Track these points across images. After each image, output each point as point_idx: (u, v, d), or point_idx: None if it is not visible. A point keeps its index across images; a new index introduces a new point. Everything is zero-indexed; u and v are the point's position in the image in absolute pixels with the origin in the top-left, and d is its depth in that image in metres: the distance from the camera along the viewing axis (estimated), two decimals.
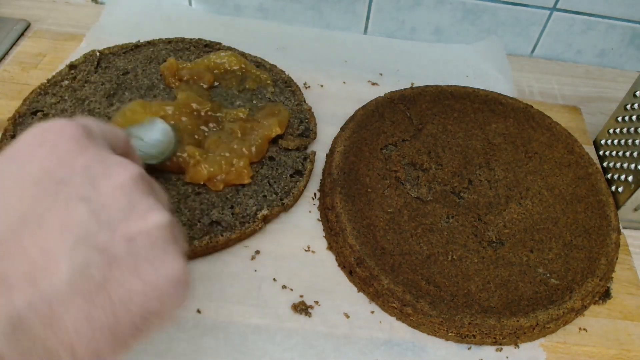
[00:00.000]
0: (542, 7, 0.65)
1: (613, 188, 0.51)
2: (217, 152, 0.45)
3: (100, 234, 0.22)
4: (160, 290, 0.23)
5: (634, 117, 0.51)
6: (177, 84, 0.52)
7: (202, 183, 0.45)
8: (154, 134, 0.43)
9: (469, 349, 0.40)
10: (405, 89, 0.56)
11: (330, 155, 0.50)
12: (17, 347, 0.20)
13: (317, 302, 0.41)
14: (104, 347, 0.22)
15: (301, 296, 0.41)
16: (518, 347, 0.41)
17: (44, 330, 0.20)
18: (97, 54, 0.56)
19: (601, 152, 0.56)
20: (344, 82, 0.60)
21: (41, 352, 0.20)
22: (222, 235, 0.42)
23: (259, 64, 0.58)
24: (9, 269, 0.20)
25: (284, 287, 0.42)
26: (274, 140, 0.50)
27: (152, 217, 0.24)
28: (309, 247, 0.44)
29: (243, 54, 0.59)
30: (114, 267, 0.22)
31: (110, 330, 0.22)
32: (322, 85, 0.59)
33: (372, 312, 0.41)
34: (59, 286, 0.21)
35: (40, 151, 0.23)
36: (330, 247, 0.45)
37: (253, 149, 0.46)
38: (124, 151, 0.29)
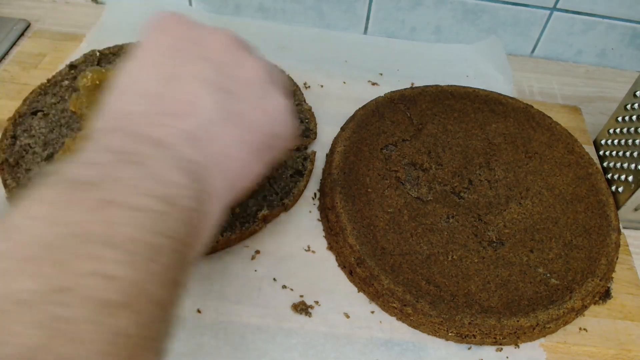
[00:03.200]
0: (542, 7, 0.65)
1: (613, 188, 0.51)
2: None
3: (224, 81, 0.30)
4: (276, 117, 0.31)
5: (634, 117, 0.51)
6: None
7: None
8: None
9: (469, 349, 0.40)
10: (405, 89, 0.56)
11: (330, 155, 0.50)
12: (197, 152, 0.27)
13: (317, 302, 0.41)
14: (249, 157, 0.30)
15: (301, 296, 0.41)
16: (518, 347, 0.41)
17: (209, 142, 0.28)
18: (97, 54, 0.56)
19: (601, 152, 0.56)
20: (344, 82, 0.60)
21: (211, 160, 0.28)
22: (222, 235, 0.42)
23: None
24: (173, 108, 0.28)
25: (284, 287, 0.41)
26: None
27: (254, 65, 0.31)
28: (309, 247, 0.44)
29: None
30: (241, 102, 0.30)
31: (251, 145, 0.30)
32: (322, 85, 0.59)
33: (372, 312, 0.41)
34: (209, 113, 0.28)
35: (163, 35, 0.31)
36: (330, 247, 0.45)
37: None
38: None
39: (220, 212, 0.29)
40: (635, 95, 0.51)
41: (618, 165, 0.52)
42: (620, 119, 0.53)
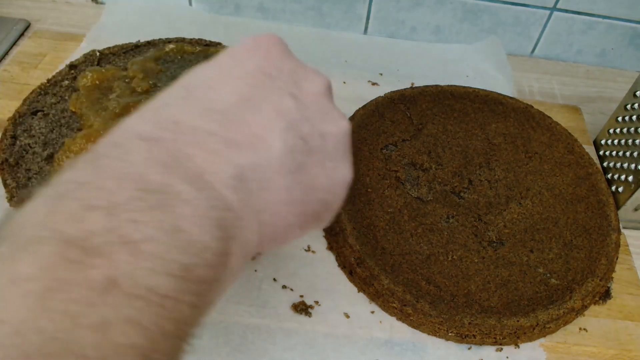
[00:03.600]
0: (542, 7, 0.65)
1: (613, 188, 0.51)
2: None
3: (304, 126, 0.26)
4: (335, 187, 0.28)
5: (634, 117, 0.51)
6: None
7: None
8: None
9: (469, 349, 0.40)
10: (405, 89, 0.56)
11: None
12: (239, 197, 0.22)
13: (317, 302, 0.41)
14: (294, 220, 0.26)
15: (301, 296, 0.41)
16: (518, 347, 0.41)
17: (258, 189, 0.23)
18: (97, 54, 0.56)
19: (601, 152, 0.56)
20: (344, 82, 0.60)
21: (253, 208, 0.23)
22: None
23: None
24: (237, 134, 0.23)
25: (284, 287, 0.41)
26: None
27: (341, 124, 0.28)
28: (309, 247, 0.44)
29: None
30: (310, 157, 0.26)
31: (301, 207, 0.26)
32: None
33: (372, 312, 0.41)
34: (274, 156, 0.24)
35: (255, 53, 0.27)
36: (330, 247, 0.45)
37: None
38: None
39: (242, 267, 0.24)
40: (635, 95, 0.51)
41: (618, 165, 0.52)
42: (620, 119, 0.53)
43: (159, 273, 0.18)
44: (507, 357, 0.40)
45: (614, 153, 0.54)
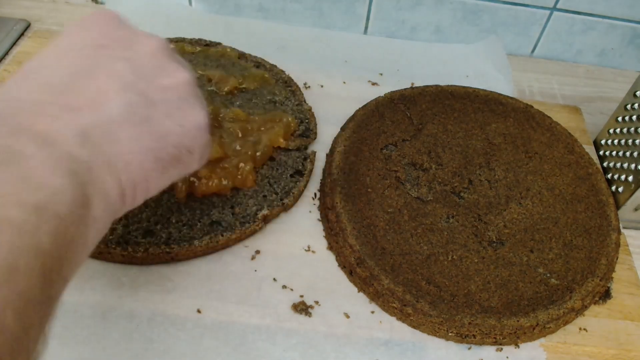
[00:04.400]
0: (542, 7, 0.65)
1: (613, 188, 0.51)
2: (224, 162, 0.45)
3: (139, 83, 0.28)
4: (190, 132, 0.30)
5: (634, 117, 0.51)
6: None
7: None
8: None
9: (469, 349, 0.40)
10: (405, 89, 0.56)
11: (330, 155, 0.50)
12: (87, 152, 0.24)
13: (317, 302, 0.41)
14: (151, 167, 0.28)
15: (301, 296, 0.41)
16: (518, 347, 0.41)
17: (106, 143, 0.25)
18: None
19: (601, 152, 0.56)
20: (344, 82, 0.60)
21: (104, 159, 0.25)
22: (222, 235, 0.42)
23: (259, 64, 0.58)
24: (74, 100, 0.26)
25: (284, 287, 0.41)
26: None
27: (179, 75, 0.30)
28: (309, 247, 0.44)
29: (243, 54, 0.59)
30: (152, 109, 0.28)
31: (155, 154, 0.28)
32: (322, 85, 0.59)
33: (373, 312, 0.41)
34: (114, 113, 0.26)
35: (88, 29, 0.30)
36: (330, 247, 0.45)
37: (258, 154, 0.46)
38: None
39: (109, 218, 0.26)
40: (635, 95, 0.51)
41: (618, 165, 0.52)
42: (620, 119, 0.53)
43: (12, 204, 0.20)
44: (507, 357, 0.40)
45: (614, 153, 0.54)
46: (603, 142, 0.56)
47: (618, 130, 0.54)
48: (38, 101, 0.25)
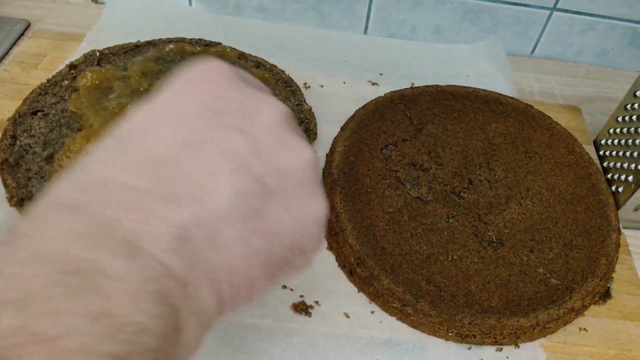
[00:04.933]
0: (542, 7, 0.65)
1: (613, 188, 0.51)
2: None
3: (256, 165, 0.22)
4: (306, 227, 0.24)
5: (634, 117, 0.51)
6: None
7: None
8: None
9: (469, 349, 0.40)
10: (405, 89, 0.56)
11: (330, 155, 0.50)
12: (184, 261, 0.20)
13: (317, 302, 0.41)
14: (258, 274, 0.23)
15: (301, 296, 0.41)
16: (518, 347, 0.41)
17: (207, 247, 0.21)
18: (97, 54, 0.56)
19: (601, 152, 0.56)
20: (344, 82, 0.60)
21: (204, 268, 0.21)
22: None
23: (259, 64, 0.58)
24: (175, 187, 0.21)
25: (284, 287, 0.41)
26: None
27: (302, 155, 0.24)
28: None
29: (243, 54, 0.59)
30: (268, 198, 0.23)
31: (264, 257, 0.22)
32: (322, 85, 0.59)
33: (373, 312, 0.41)
34: (222, 206, 0.21)
35: (199, 87, 0.24)
36: (330, 247, 0.45)
37: None
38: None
39: (202, 335, 0.22)
40: (635, 95, 0.51)
41: (618, 165, 0.52)
42: (620, 119, 0.53)
43: (88, 356, 0.16)
44: (507, 357, 0.40)
45: (614, 153, 0.54)
46: (603, 142, 0.56)
47: (618, 130, 0.54)
48: (131, 188, 0.20)
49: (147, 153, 0.21)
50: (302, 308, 0.40)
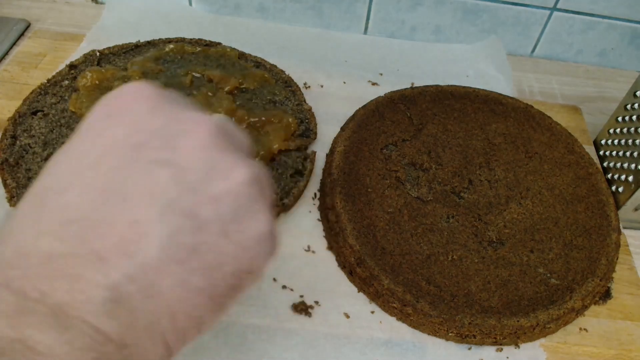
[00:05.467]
0: (542, 7, 0.65)
1: (613, 188, 0.51)
2: None
3: (185, 198, 0.21)
4: (250, 250, 0.22)
5: (634, 117, 0.51)
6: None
7: None
8: None
9: (469, 349, 0.40)
10: (405, 89, 0.56)
11: (330, 155, 0.50)
12: (120, 322, 0.19)
13: (317, 302, 0.41)
14: (203, 311, 0.21)
15: (301, 296, 0.41)
16: (518, 347, 0.41)
17: (143, 300, 0.19)
18: (97, 54, 0.56)
19: (601, 152, 0.56)
20: (344, 82, 0.60)
21: (143, 324, 0.20)
22: None
23: (259, 64, 0.58)
24: (100, 244, 0.19)
25: (284, 287, 0.41)
26: None
27: (235, 174, 0.22)
28: (309, 247, 0.44)
29: (243, 54, 0.59)
30: (203, 231, 0.21)
31: (207, 293, 0.21)
32: (322, 85, 0.59)
33: (373, 312, 0.41)
34: (153, 255, 0.20)
35: (112, 120, 0.22)
36: (330, 247, 0.45)
37: (257, 159, 0.47)
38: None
39: None
40: (635, 95, 0.51)
41: (618, 165, 0.52)
42: (620, 118, 0.53)
43: None
44: (507, 357, 0.40)
45: (614, 153, 0.54)
46: (603, 142, 0.56)
47: (618, 130, 0.54)
48: (54, 254, 0.19)
49: (66, 212, 0.20)
50: (302, 308, 0.40)
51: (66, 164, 0.22)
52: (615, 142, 0.54)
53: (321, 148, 0.52)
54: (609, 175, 0.53)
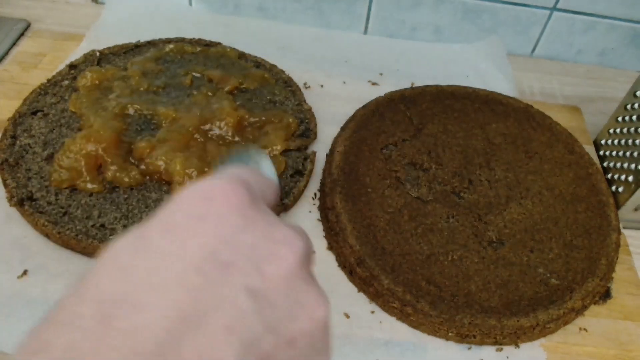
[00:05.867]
0: (543, 7, 0.65)
1: (613, 188, 0.51)
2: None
3: (266, 339, 0.19)
4: None
5: (634, 117, 0.51)
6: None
7: None
8: (267, 171, 0.37)
9: (469, 349, 0.40)
10: (405, 89, 0.56)
11: (330, 155, 0.50)
12: None
13: None
14: None
15: None
16: (518, 347, 0.41)
17: None
18: (97, 53, 0.56)
19: (601, 152, 0.56)
20: (344, 82, 0.60)
21: None
22: None
23: (259, 64, 0.58)
24: None
25: None
26: None
27: (316, 312, 0.21)
28: None
29: (243, 54, 0.59)
30: None
31: None
32: (322, 85, 0.59)
33: (373, 312, 0.41)
34: None
35: (202, 226, 0.20)
36: (330, 247, 0.45)
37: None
38: (275, 200, 0.26)
39: None
40: (635, 95, 0.51)
41: (618, 165, 0.52)
42: (620, 119, 0.53)
43: None
44: (507, 357, 0.40)
45: (614, 153, 0.54)
46: (603, 142, 0.56)
47: (618, 130, 0.54)
48: None
49: (134, 339, 0.17)
50: None
51: (146, 268, 0.19)
52: (615, 142, 0.54)
53: (321, 148, 0.52)
54: (609, 175, 0.53)
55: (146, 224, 0.20)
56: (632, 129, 0.51)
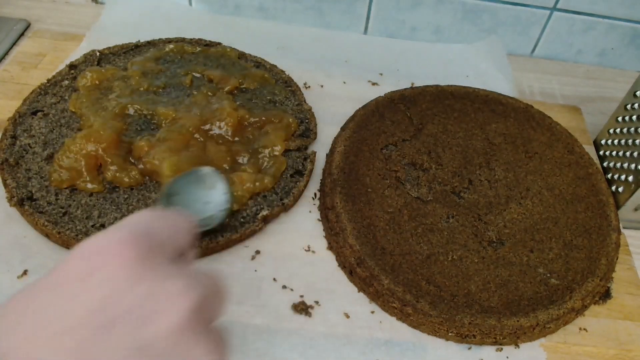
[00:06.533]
0: (542, 7, 0.65)
1: (613, 188, 0.51)
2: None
3: None
4: None
5: (634, 117, 0.51)
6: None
7: None
8: (219, 196, 0.37)
9: (469, 349, 0.40)
10: (405, 89, 0.56)
11: (330, 155, 0.50)
12: None
13: (317, 302, 0.41)
14: None
15: (301, 296, 0.41)
16: (518, 347, 0.41)
17: None
18: (97, 53, 0.56)
19: (601, 152, 0.56)
20: (344, 82, 0.60)
21: None
22: (222, 236, 0.42)
23: (259, 64, 0.58)
24: None
25: (284, 287, 0.41)
26: None
27: None
28: (309, 247, 0.44)
29: (243, 54, 0.59)
30: None
31: None
32: (322, 85, 0.59)
33: (373, 312, 0.41)
34: None
35: (91, 281, 0.20)
36: (330, 247, 0.45)
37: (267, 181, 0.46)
38: (187, 243, 0.26)
39: None
40: (635, 95, 0.51)
41: (618, 165, 0.52)
42: (620, 119, 0.53)
43: None
44: (507, 357, 0.40)
45: (614, 153, 0.54)
46: (603, 142, 0.56)
47: (618, 130, 0.54)
48: None
49: None
50: (302, 308, 0.40)
51: (32, 325, 0.19)
52: (615, 142, 0.54)
53: (321, 148, 0.52)
54: (609, 175, 0.53)
55: (40, 279, 0.20)
56: (632, 129, 0.51)
